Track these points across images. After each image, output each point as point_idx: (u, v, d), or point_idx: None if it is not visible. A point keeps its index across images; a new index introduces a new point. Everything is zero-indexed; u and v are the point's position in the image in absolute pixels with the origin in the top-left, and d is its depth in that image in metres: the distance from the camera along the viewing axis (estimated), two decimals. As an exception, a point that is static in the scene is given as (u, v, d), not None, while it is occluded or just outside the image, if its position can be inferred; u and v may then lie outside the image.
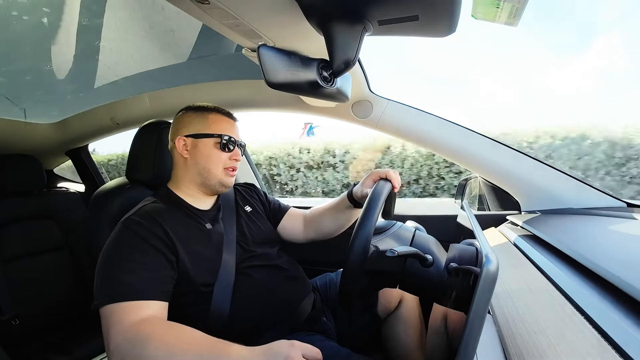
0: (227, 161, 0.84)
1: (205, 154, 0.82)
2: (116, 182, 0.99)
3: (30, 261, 1.38)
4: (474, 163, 1.07)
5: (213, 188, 0.85)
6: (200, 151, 0.82)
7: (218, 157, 0.83)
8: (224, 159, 0.84)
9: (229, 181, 0.85)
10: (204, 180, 0.83)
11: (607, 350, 0.32)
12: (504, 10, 0.57)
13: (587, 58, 6.17)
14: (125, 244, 0.68)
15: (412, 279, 0.66)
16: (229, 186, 0.86)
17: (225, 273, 0.77)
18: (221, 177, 0.84)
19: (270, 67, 0.55)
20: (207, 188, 0.85)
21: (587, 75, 5.59)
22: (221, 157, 0.83)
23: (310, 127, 4.34)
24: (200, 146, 0.82)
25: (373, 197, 0.69)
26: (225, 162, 0.84)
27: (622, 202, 0.96)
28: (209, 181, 0.83)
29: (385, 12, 0.48)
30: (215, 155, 0.83)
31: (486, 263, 0.37)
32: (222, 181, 0.84)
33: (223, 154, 0.83)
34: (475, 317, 0.36)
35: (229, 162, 0.85)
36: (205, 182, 0.84)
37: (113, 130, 1.63)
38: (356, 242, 0.63)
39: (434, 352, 0.84)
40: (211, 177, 0.83)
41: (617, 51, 5.44)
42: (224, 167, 0.84)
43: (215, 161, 0.83)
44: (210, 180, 0.83)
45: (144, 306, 0.62)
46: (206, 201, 0.87)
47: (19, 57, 1.11)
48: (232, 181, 0.86)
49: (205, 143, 0.82)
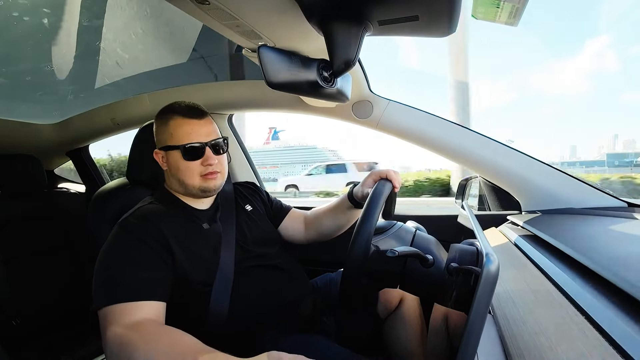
0: (200, 168, 0.78)
1: (175, 167, 0.78)
2: (116, 182, 0.99)
3: (30, 261, 1.38)
4: (475, 163, 1.07)
5: (197, 195, 0.82)
6: (171, 164, 0.79)
7: (187, 167, 0.78)
8: (195, 168, 0.78)
9: (210, 186, 0.80)
10: (185, 189, 0.81)
11: (608, 350, 0.32)
12: (504, 10, 0.57)
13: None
14: (121, 245, 0.68)
15: (412, 279, 0.66)
16: (213, 190, 0.82)
17: (223, 273, 0.77)
18: (200, 184, 0.79)
19: (271, 68, 0.55)
20: (193, 196, 0.83)
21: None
22: (191, 167, 0.78)
23: (275, 131, 4.36)
24: (169, 159, 0.79)
25: (373, 197, 0.69)
26: (199, 169, 0.78)
27: (622, 202, 0.96)
28: (189, 190, 0.80)
29: (386, 12, 0.48)
30: (184, 166, 0.78)
31: (487, 263, 0.37)
32: (203, 188, 0.80)
33: (192, 163, 0.77)
34: (475, 317, 0.36)
35: (203, 169, 0.78)
36: (188, 191, 0.81)
37: (113, 131, 1.63)
38: (357, 242, 0.63)
39: (435, 352, 0.84)
40: (189, 187, 0.79)
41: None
42: (199, 175, 0.79)
43: (186, 172, 0.78)
44: (190, 189, 0.80)
45: (140, 307, 0.61)
46: (204, 201, 0.86)
47: (19, 57, 1.11)
48: (214, 185, 0.81)
49: (172, 155, 0.78)
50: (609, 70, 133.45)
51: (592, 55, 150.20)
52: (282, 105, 1.23)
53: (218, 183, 0.82)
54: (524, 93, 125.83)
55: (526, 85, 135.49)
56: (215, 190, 0.82)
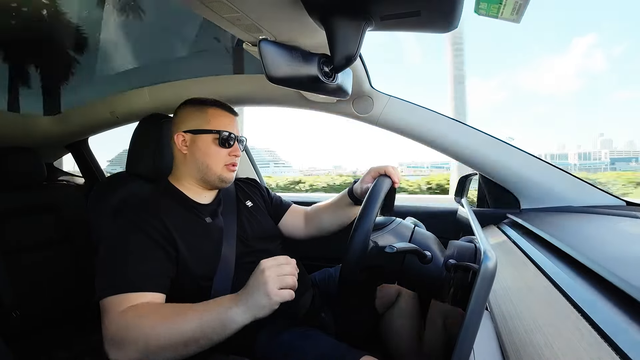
0: (226, 157, 0.83)
1: (203, 150, 0.81)
2: (116, 175, 0.99)
3: (30, 254, 1.38)
4: (474, 160, 1.07)
5: (213, 184, 0.84)
6: (198, 147, 0.81)
7: (217, 153, 0.82)
8: (223, 155, 0.82)
9: (229, 177, 0.84)
10: (203, 175, 0.83)
11: (604, 347, 0.32)
12: (506, 6, 0.56)
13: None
14: (124, 237, 0.69)
15: (410, 275, 0.66)
16: (229, 182, 0.85)
17: (224, 267, 0.77)
18: (221, 173, 0.83)
19: (271, 62, 0.55)
20: (207, 183, 0.84)
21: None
22: (220, 154, 0.82)
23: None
24: (198, 142, 0.81)
25: (373, 193, 0.69)
26: (225, 159, 0.83)
27: (621, 201, 0.96)
28: (208, 177, 0.83)
29: (388, 7, 0.47)
30: (214, 151, 0.82)
31: (485, 260, 0.38)
32: (222, 177, 0.83)
33: (222, 150, 0.82)
34: (472, 313, 0.36)
35: (229, 158, 0.83)
36: (205, 178, 0.83)
37: (113, 124, 1.62)
38: (356, 237, 0.63)
39: (431, 348, 0.84)
40: (210, 173, 0.82)
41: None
42: (224, 164, 0.83)
43: (214, 157, 0.82)
44: (210, 176, 0.83)
45: (141, 298, 0.62)
46: (206, 195, 0.87)
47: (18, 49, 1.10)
48: (232, 177, 0.85)
49: (203, 139, 0.81)
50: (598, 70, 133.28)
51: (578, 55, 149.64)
52: (283, 100, 1.23)
53: (234, 176, 0.87)
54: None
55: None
56: (230, 182, 0.86)
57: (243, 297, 0.57)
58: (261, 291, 0.55)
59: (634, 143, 31.04)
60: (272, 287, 0.55)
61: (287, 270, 0.58)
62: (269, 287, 0.55)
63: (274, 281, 0.56)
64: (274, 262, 0.58)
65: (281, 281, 0.56)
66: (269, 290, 0.55)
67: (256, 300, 0.56)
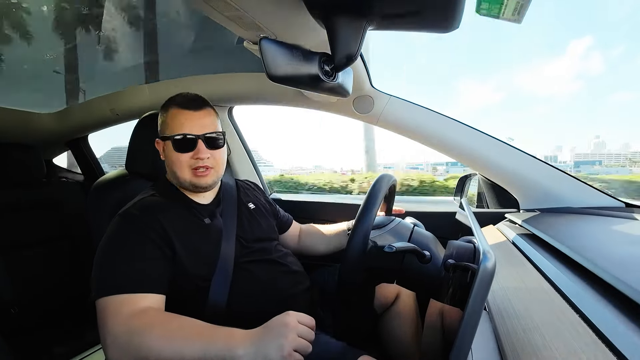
0: (190, 161, 0.76)
1: (169, 158, 0.78)
2: (116, 173, 0.99)
3: (29, 251, 1.38)
4: (474, 160, 1.07)
5: (189, 190, 0.81)
6: (167, 154, 0.79)
7: (178, 159, 0.76)
8: (185, 160, 0.76)
9: (200, 182, 0.78)
10: (178, 182, 0.80)
11: (601, 348, 0.33)
12: (508, 6, 0.56)
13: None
14: (122, 236, 0.68)
15: (409, 275, 0.66)
16: (204, 187, 0.80)
17: (223, 267, 0.77)
18: (190, 179, 0.78)
19: (272, 60, 0.55)
20: (185, 189, 0.82)
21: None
22: (181, 160, 0.76)
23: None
24: (166, 149, 0.78)
25: (372, 193, 0.69)
26: (189, 163, 0.76)
27: (620, 202, 0.96)
28: (182, 184, 0.79)
29: (389, 6, 0.47)
30: (175, 158, 0.76)
31: (483, 260, 0.38)
32: (193, 183, 0.78)
33: (182, 156, 0.76)
34: (471, 313, 0.36)
35: (193, 162, 0.76)
36: (180, 185, 0.80)
37: (113, 122, 1.62)
38: (355, 237, 0.63)
39: (430, 347, 0.84)
40: (181, 180, 0.78)
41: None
42: (189, 169, 0.77)
43: (177, 165, 0.76)
44: (182, 183, 0.79)
45: (141, 299, 0.62)
46: (205, 195, 0.86)
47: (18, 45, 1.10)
48: (205, 182, 0.79)
49: (167, 146, 0.77)
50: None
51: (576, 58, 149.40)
52: (283, 99, 1.22)
53: (210, 180, 0.80)
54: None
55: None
56: (207, 187, 0.80)
57: (256, 340, 0.53)
58: (276, 343, 0.52)
59: (629, 145, 31.14)
60: (288, 346, 0.51)
61: (306, 334, 0.55)
62: (286, 343, 0.51)
63: (293, 340, 0.52)
64: (299, 319, 0.55)
65: (298, 343, 0.53)
66: (284, 345, 0.51)
67: (268, 348, 0.52)
